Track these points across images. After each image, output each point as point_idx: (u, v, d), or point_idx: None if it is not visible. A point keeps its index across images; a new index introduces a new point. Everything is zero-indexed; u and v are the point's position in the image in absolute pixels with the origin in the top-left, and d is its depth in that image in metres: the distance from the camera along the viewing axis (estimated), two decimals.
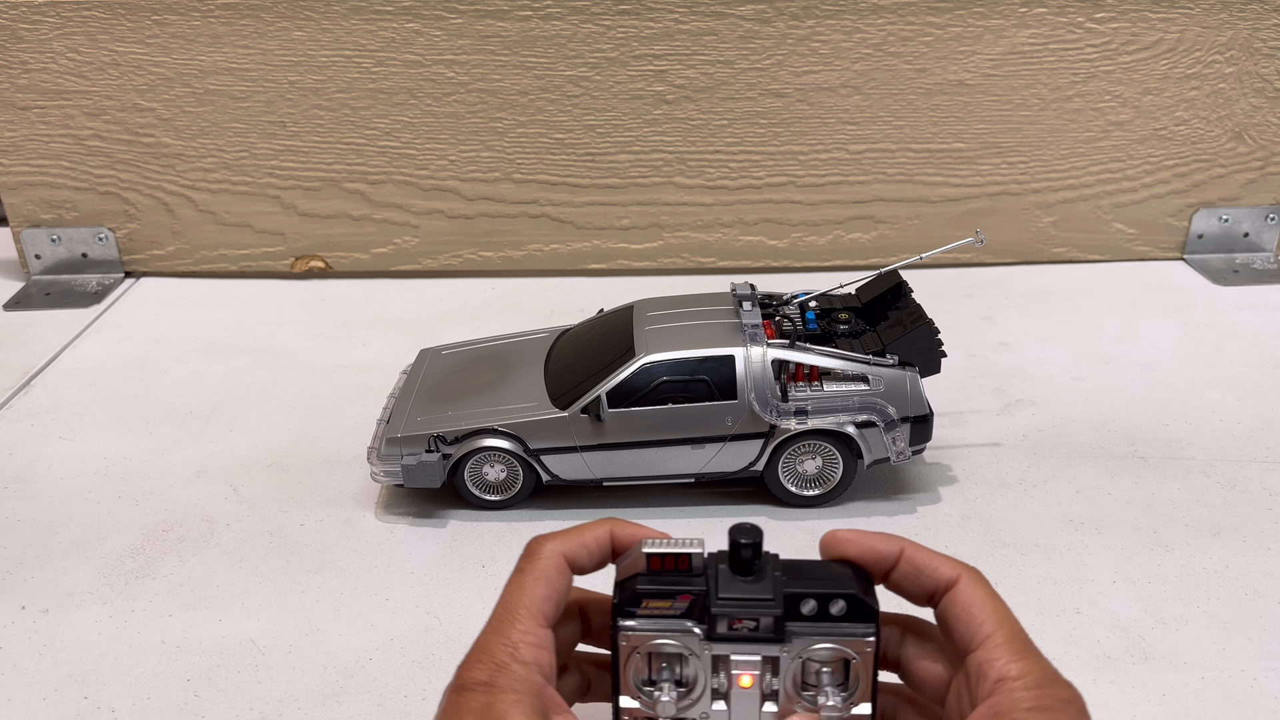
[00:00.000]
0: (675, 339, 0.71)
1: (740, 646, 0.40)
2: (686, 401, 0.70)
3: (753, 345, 0.70)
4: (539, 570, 0.40)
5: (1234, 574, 0.67)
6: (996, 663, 0.37)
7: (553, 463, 0.72)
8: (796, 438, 0.71)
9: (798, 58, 1.04)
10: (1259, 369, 0.91)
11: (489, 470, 0.73)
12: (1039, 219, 1.11)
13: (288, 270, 1.13)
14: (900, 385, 0.71)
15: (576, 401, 0.71)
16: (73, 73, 1.04)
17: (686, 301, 0.77)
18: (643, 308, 0.77)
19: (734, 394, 0.69)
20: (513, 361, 0.79)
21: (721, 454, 0.71)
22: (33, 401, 0.91)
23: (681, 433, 0.70)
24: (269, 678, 0.60)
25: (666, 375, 0.70)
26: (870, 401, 0.70)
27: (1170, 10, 1.02)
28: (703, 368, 0.70)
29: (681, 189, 1.09)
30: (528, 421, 0.71)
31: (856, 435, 0.70)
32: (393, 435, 0.72)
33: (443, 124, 1.06)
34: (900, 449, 0.71)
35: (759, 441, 0.71)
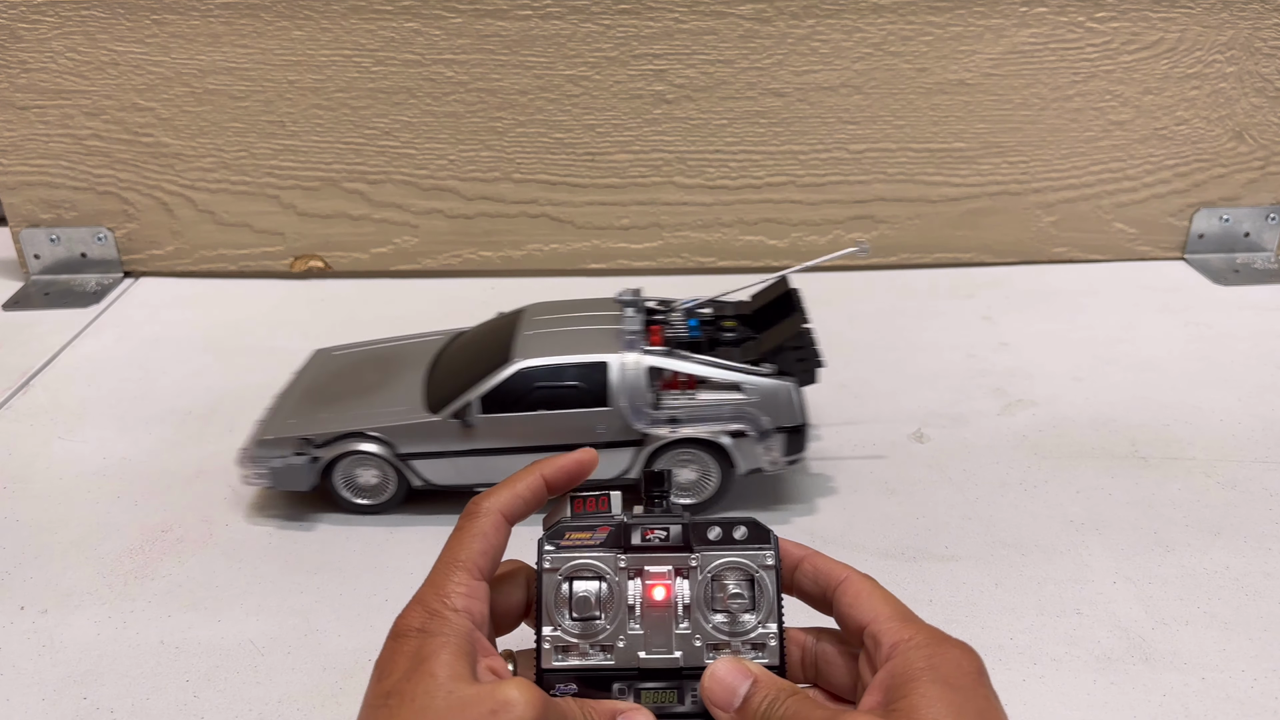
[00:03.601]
0: (553, 345, 0.71)
1: (653, 557, 0.43)
2: (560, 408, 0.69)
3: (627, 352, 0.69)
4: (475, 528, 0.43)
5: (1234, 574, 0.66)
6: (889, 631, 0.40)
7: (423, 467, 0.72)
8: (670, 446, 0.70)
9: (798, 57, 1.03)
10: (1259, 369, 0.91)
11: (361, 474, 0.72)
12: (1039, 219, 1.11)
13: (287, 270, 1.13)
14: (775, 395, 0.70)
15: (448, 406, 0.70)
16: (72, 72, 1.04)
17: (576, 306, 0.76)
18: (532, 312, 0.77)
19: (606, 401, 0.69)
20: (398, 364, 0.78)
21: None
22: (32, 401, 0.91)
23: (554, 439, 0.70)
24: (268, 678, 0.60)
25: (540, 381, 0.69)
26: (743, 411, 0.69)
27: (1171, 10, 1.02)
28: (576, 374, 0.69)
29: (681, 189, 1.09)
30: (397, 425, 0.71)
31: (729, 445, 0.70)
32: (262, 437, 0.72)
33: (442, 123, 1.06)
34: (774, 459, 0.70)
35: (632, 450, 0.70)
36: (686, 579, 0.43)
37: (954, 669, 0.38)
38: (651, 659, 0.43)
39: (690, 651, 0.43)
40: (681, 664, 0.42)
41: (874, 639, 0.40)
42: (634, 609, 0.43)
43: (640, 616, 0.43)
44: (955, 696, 0.37)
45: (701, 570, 0.43)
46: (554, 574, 0.43)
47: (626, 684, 0.42)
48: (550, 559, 0.43)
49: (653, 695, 0.42)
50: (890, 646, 0.39)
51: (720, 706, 0.41)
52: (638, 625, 0.43)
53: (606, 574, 0.43)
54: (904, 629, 0.40)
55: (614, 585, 0.43)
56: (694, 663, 0.42)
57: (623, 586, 0.43)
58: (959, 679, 0.38)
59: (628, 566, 0.43)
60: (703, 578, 0.43)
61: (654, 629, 0.43)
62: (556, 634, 0.42)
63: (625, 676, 0.42)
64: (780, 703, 0.39)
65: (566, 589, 0.43)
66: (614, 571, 0.43)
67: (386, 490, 0.73)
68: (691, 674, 0.42)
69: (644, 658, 0.43)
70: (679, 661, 0.43)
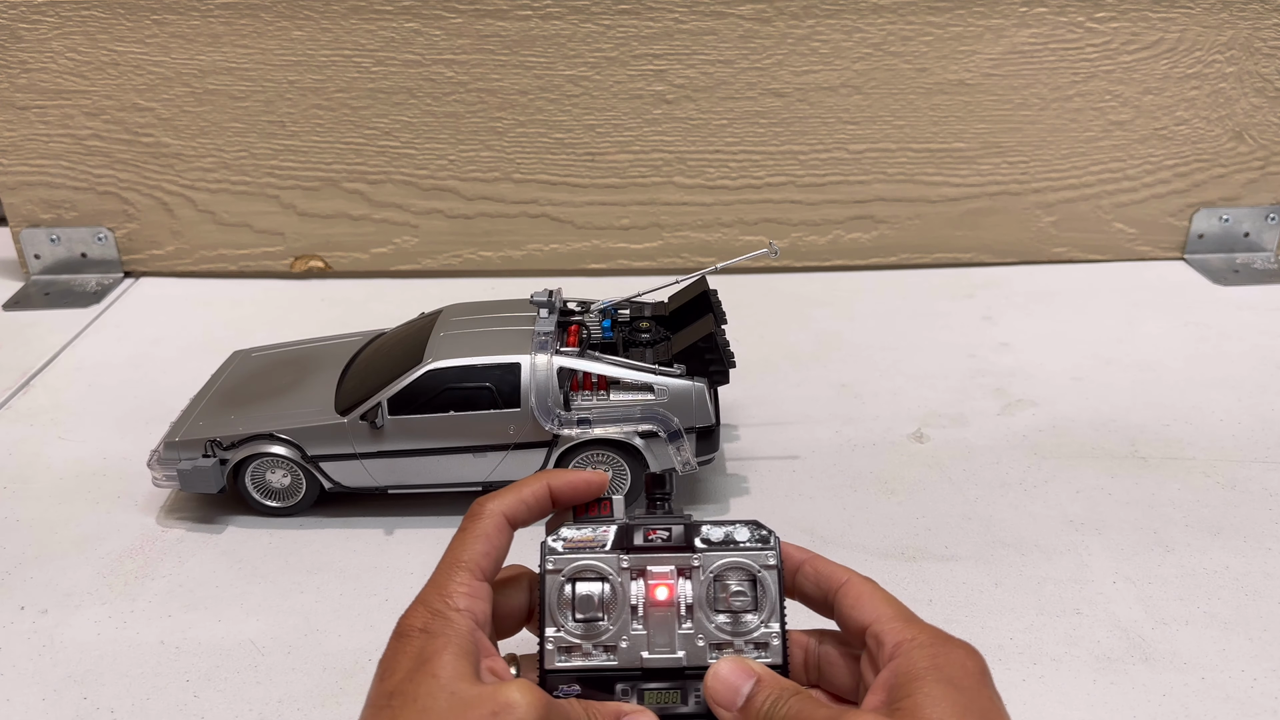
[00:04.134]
0: (466, 346, 0.71)
1: (655, 557, 0.43)
2: (470, 409, 0.69)
3: (539, 353, 0.69)
4: (479, 529, 0.43)
5: (1234, 574, 0.67)
6: (891, 631, 0.40)
7: (333, 470, 0.71)
8: (581, 447, 0.70)
9: (798, 57, 1.03)
10: (1259, 369, 0.91)
11: (273, 476, 0.72)
12: (1039, 219, 1.11)
13: (287, 270, 1.13)
14: (686, 396, 0.70)
15: (356, 408, 0.70)
16: (72, 72, 1.04)
17: (493, 308, 0.76)
18: (449, 313, 0.77)
19: (517, 402, 0.69)
20: (314, 365, 0.78)
21: (505, 463, 0.71)
22: (32, 401, 0.91)
23: (464, 440, 0.70)
24: (268, 678, 0.60)
25: (450, 382, 0.69)
26: (653, 412, 0.69)
27: (1170, 10, 1.02)
28: (487, 375, 0.69)
29: (681, 189, 1.09)
30: (305, 428, 0.71)
31: (641, 445, 0.70)
32: (171, 440, 0.72)
33: (442, 124, 1.06)
34: (685, 459, 0.70)
35: (543, 450, 0.70)
36: (689, 579, 0.43)
37: (958, 669, 0.38)
38: (654, 659, 0.43)
39: (693, 651, 0.43)
40: (684, 664, 0.43)
41: (876, 639, 0.40)
42: (637, 609, 0.43)
43: (643, 617, 0.43)
44: (959, 696, 0.37)
45: (704, 570, 0.43)
46: (557, 575, 0.43)
47: (630, 684, 0.43)
48: (553, 560, 0.43)
49: (656, 695, 0.42)
50: (893, 646, 0.39)
51: (723, 706, 0.41)
52: (640, 626, 0.43)
53: (609, 575, 0.43)
54: (907, 629, 0.40)
55: (617, 586, 0.43)
56: (697, 662, 0.43)
57: (625, 587, 0.43)
58: (963, 679, 0.38)
59: (630, 567, 0.43)
60: (705, 578, 0.43)
61: (657, 629, 0.43)
62: (560, 635, 0.43)
63: (628, 677, 0.43)
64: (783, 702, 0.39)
65: (569, 590, 0.43)
66: (616, 572, 0.43)
67: (297, 493, 0.73)
68: (694, 674, 0.42)
69: (647, 658, 0.43)
70: (682, 661, 0.43)
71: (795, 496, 0.75)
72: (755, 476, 0.77)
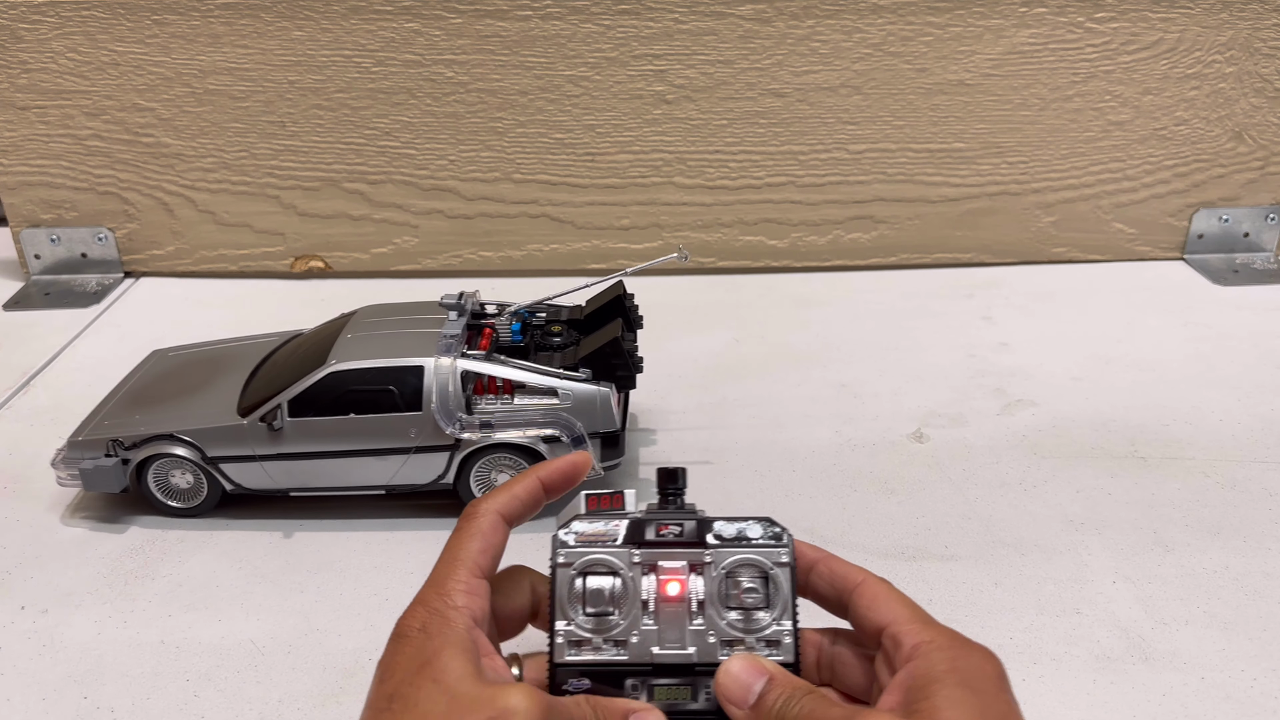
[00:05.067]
0: (372, 348, 0.70)
1: (666, 552, 0.43)
2: (372, 411, 0.69)
3: (442, 356, 0.69)
4: (474, 528, 0.44)
5: (1234, 574, 0.67)
6: (909, 633, 0.40)
7: (233, 471, 0.71)
8: (486, 451, 0.70)
9: (798, 58, 1.04)
10: (1259, 369, 0.91)
11: (176, 477, 0.72)
12: (1039, 219, 1.11)
13: (287, 270, 1.13)
14: (591, 400, 0.69)
15: (256, 410, 0.70)
16: (72, 73, 1.04)
17: (406, 310, 0.76)
18: (362, 314, 0.76)
19: (419, 405, 0.69)
20: (226, 366, 0.78)
21: (408, 466, 0.70)
22: (33, 401, 0.91)
23: (365, 443, 0.69)
24: (268, 678, 0.60)
25: (353, 384, 0.69)
26: (556, 416, 0.69)
27: (1170, 10, 1.02)
28: (390, 378, 0.69)
29: (681, 189, 1.09)
30: (205, 429, 0.71)
31: (544, 450, 0.69)
32: (74, 439, 0.72)
33: (442, 124, 1.06)
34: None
35: (445, 454, 0.70)
36: (701, 575, 0.43)
37: (976, 673, 0.38)
38: (665, 655, 0.42)
39: (704, 648, 0.42)
40: (695, 660, 0.42)
41: (894, 640, 0.40)
42: (648, 604, 0.43)
43: (654, 612, 0.43)
44: (977, 700, 0.37)
45: (716, 566, 0.43)
46: (568, 569, 0.43)
47: (640, 680, 0.42)
48: (564, 554, 0.43)
49: (666, 691, 0.42)
50: (911, 648, 0.39)
51: (734, 703, 0.41)
52: (651, 621, 0.43)
53: (620, 569, 0.43)
54: (925, 631, 0.40)
55: (628, 580, 0.43)
56: (708, 659, 0.42)
57: (636, 582, 0.43)
58: (981, 683, 0.38)
59: (642, 562, 0.43)
60: (717, 574, 0.43)
61: (668, 624, 0.43)
62: (570, 629, 0.42)
63: (639, 672, 0.42)
64: (795, 701, 0.39)
65: (580, 584, 0.43)
66: (628, 567, 0.43)
67: (199, 494, 0.73)
68: (705, 670, 0.42)
69: (657, 653, 0.42)
70: (693, 657, 0.42)
71: (795, 496, 0.75)
72: (755, 476, 0.77)
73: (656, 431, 0.83)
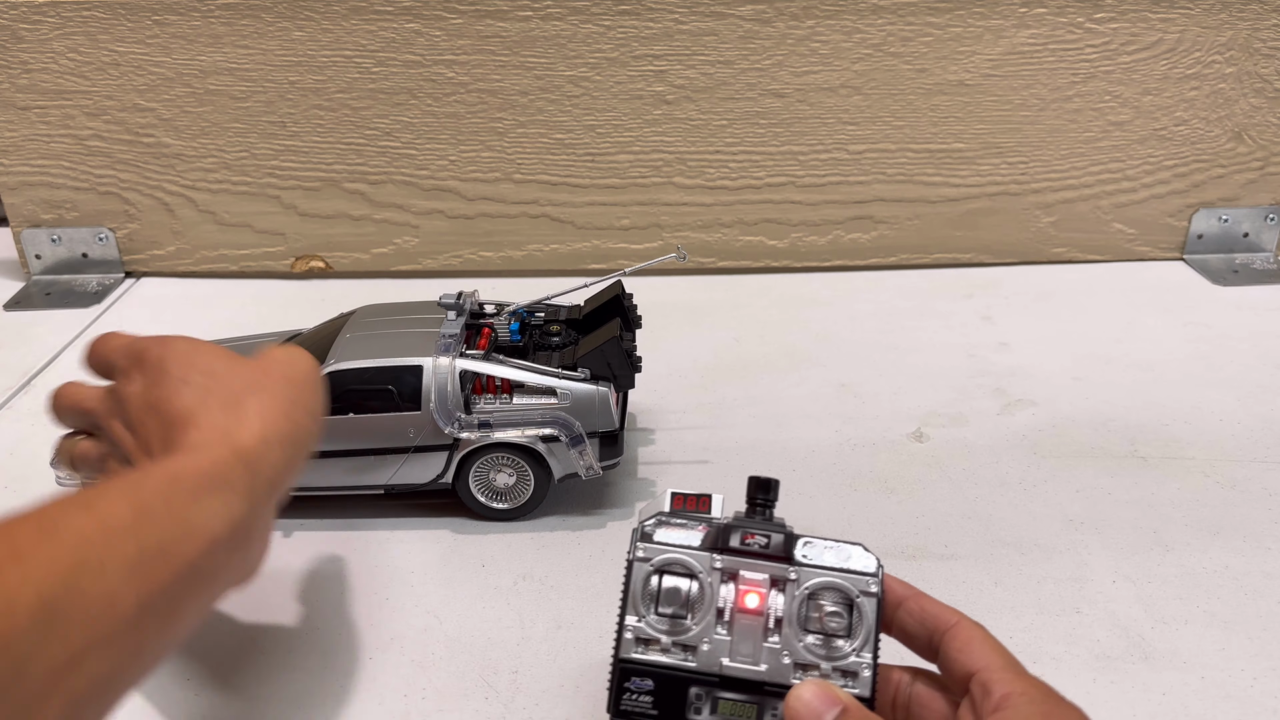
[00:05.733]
0: (371, 348, 0.70)
1: (749, 562, 0.41)
2: (371, 411, 0.69)
3: (441, 356, 0.69)
4: None
5: (1234, 574, 0.67)
6: (1001, 681, 0.39)
7: None
8: (483, 451, 0.70)
9: (798, 58, 1.04)
10: (1259, 369, 0.91)
11: None
12: (1039, 219, 1.11)
13: (288, 270, 1.13)
14: (590, 400, 0.69)
15: None
16: (73, 73, 1.04)
17: (404, 309, 0.76)
18: (360, 314, 0.76)
19: (418, 404, 0.69)
20: None
21: (406, 466, 0.70)
22: (33, 401, 0.91)
23: (363, 443, 0.69)
24: (268, 678, 0.60)
25: (352, 384, 0.69)
26: (555, 415, 0.69)
27: (1170, 10, 1.02)
28: (388, 377, 0.69)
29: (681, 189, 1.09)
30: None
31: (543, 449, 0.69)
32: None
33: (443, 124, 1.07)
34: (588, 464, 0.70)
35: (444, 453, 0.70)
36: (782, 592, 0.41)
37: None
38: (734, 668, 0.41)
39: (776, 667, 0.41)
40: (766, 679, 0.41)
41: (983, 687, 0.39)
42: (723, 613, 0.41)
43: (729, 622, 0.41)
44: None
45: (799, 585, 0.41)
46: (645, 564, 0.42)
47: (705, 690, 0.41)
48: (643, 548, 0.42)
49: (731, 707, 0.41)
50: (1002, 697, 0.38)
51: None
52: (725, 631, 0.41)
53: (699, 572, 0.42)
54: (1017, 681, 0.39)
55: (705, 585, 0.41)
56: (778, 680, 0.41)
57: (714, 588, 0.41)
58: None
59: (722, 569, 0.42)
60: (800, 593, 0.41)
61: (741, 637, 0.41)
62: (640, 625, 0.41)
63: (705, 682, 0.41)
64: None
65: (656, 581, 0.41)
66: (707, 571, 0.42)
67: None
68: (775, 691, 0.41)
69: (727, 665, 0.41)
70: (763, 675, 0.41)
71: (795, 496, 0.75)
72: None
73: (656, 431, 0.83)
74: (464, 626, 0.63)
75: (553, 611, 0.64)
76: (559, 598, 0.66)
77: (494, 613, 0.64)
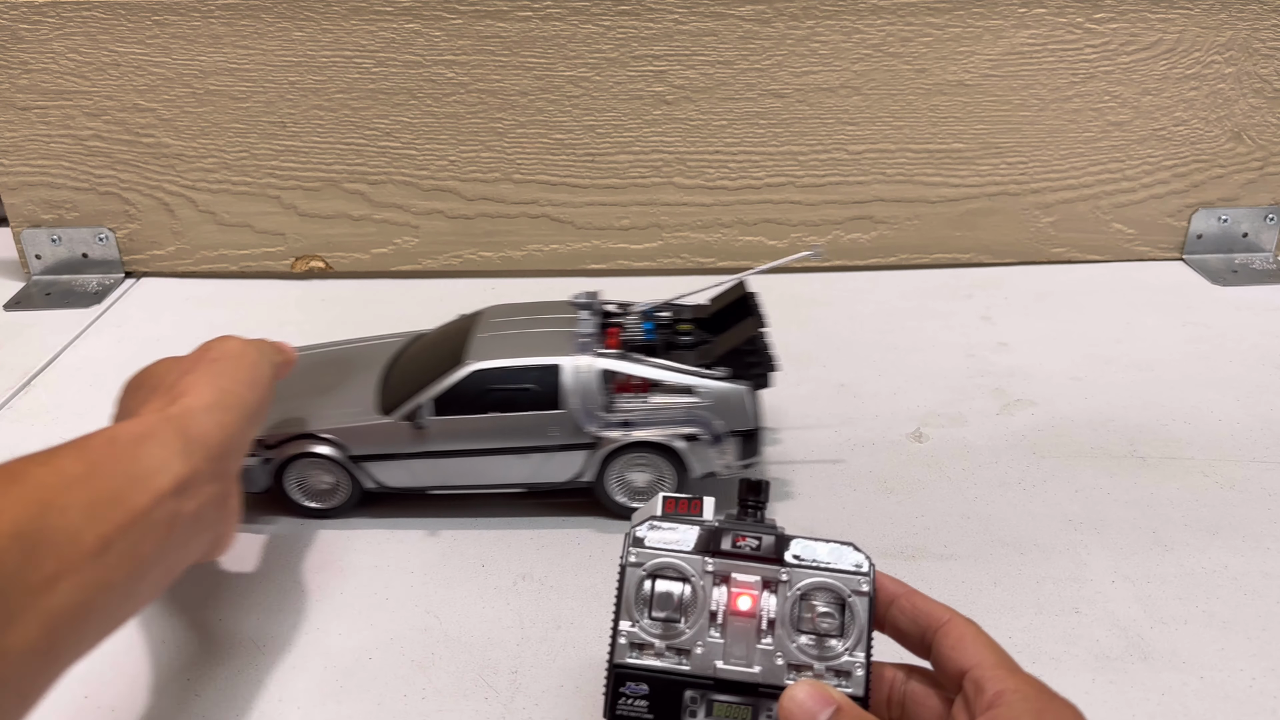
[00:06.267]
0: (506, 347, 0.71)
1: (741, 564, 0.42)
2: (512, 410, 0.69)
3: (580, 355, 0.69)
4: None
5: (1233, 574, 0.67)
6: (994, 679, 0.39)
7: (376, 470, 0.71)
8: (623, 450, 0.70)
9: (797, 58, 1.04)
10: (1259, 369, 0.91)
11: (316, 477, 0.72)
12: (1038, 219, 1.11)
13: (288, 270, 1.13)
14: (729, 398, 0.69)
15: (399, 407, 0.70)
16: (73, 73, 1.04)
17: (533, 309, 0.76)
18: (490, 314, 0.76)
19: (558, 404, 0.69)
20: (357, 365, 0.78)
21: (548, 464, 0.70)
22: (33, 401, 0.91)
23: (506, 442, 0.70)
24: (268, 677, 0.60)
25: (493, 383, 0.69)
26: (696, 414, 0.69)
27: (1169, 10, 1.02)
28: (529, 376, 0.69)
29: (681, 189, 1.09)
30: (349, 427, 0.70)
31: (682, 448, 0.69)
32: None
33: (443, 124, 1.07)
34: (727, 463, 0.70)
35: (584, 452, 0.70)
36: (774, 594, 0.42)
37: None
38: (728, 670, 0.41)
39: (770, 669, 0.41)
40: (760, 680, 0.41)
41: (976, 685, 0.39)
42: (716, 616, 0.41)
43: (722, 625, 0.41)
44: None
45: (791, 586, 0.41)
46: (638, 568, 0.42)
47: (699, 693, 0.41)
48: (636, 553, 0.42)
49: (726, 709, 0.41)
50: (995, 694, 0.38)
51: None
52: (718, 634, 0.41)
53: (692, 576, 0.42)
54: (1010, 679, 0.39)
55: (698, 588, 0.42)
56: (772, 681, 0.41)
57: (707, 591, 0.42)
58: None
59: (715, 571, 0.42)
60: (791, 594, 0.41)
61: (735, 640, 0.41)
62: (634, 630, 0.41)
63: (699, 685, 0.41)
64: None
65: (649, 586, 0.42)
66: (699, 574, 0.42)
67: (340, 493, 0.73)
68: (769, 692, 0.41)
69: (721, 668, 0.41)
70: (757, 677, 0.41)
71: (795, 496, 0.75)
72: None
73: None
74: (463, 626, 0.64)
75: (552, 611, 0.65)
76: (558, 598, 0.66)
77: (493, 612, 0.64)
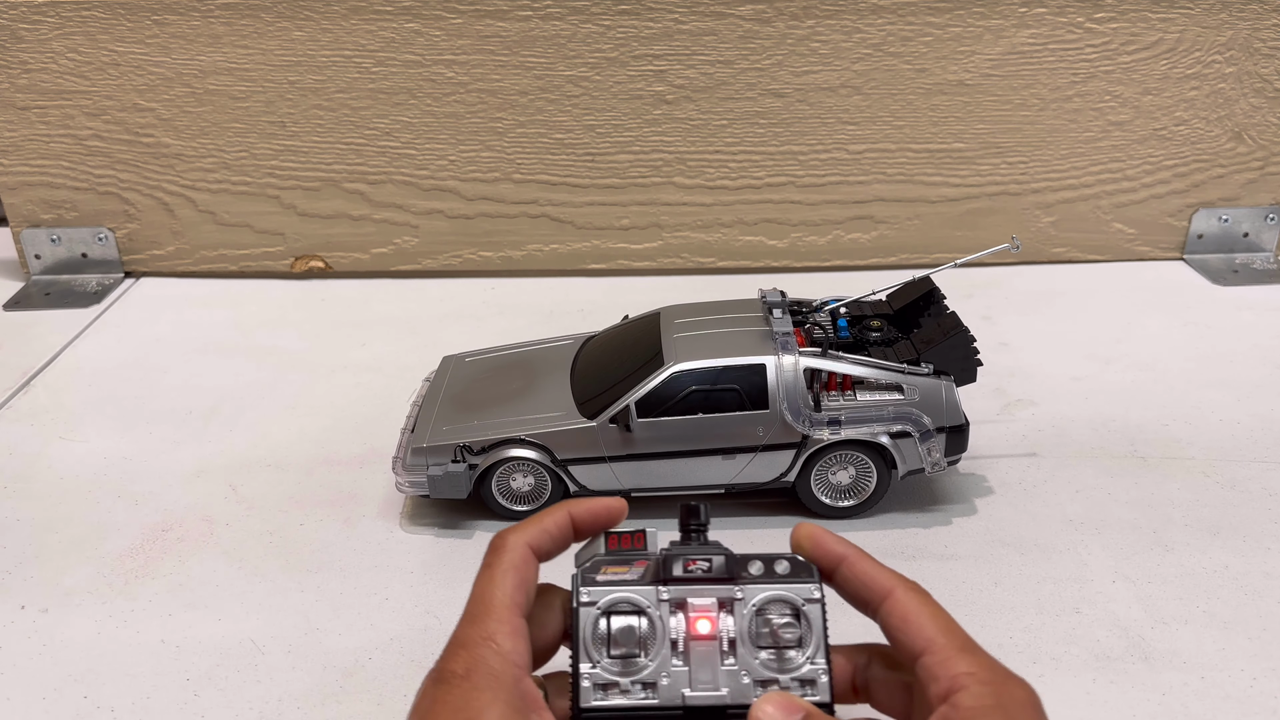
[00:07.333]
0: (704, 347, 0.70)
1: (695, 588, 0.41)
2: (716, 411, 0.69)
3: (784, 354, 0.68)
4: (506, 562, 0.41)
5: (1233, 574, 0.67)
6: (946, 664, 0.38)
7: (580, 473, 0.71)
8: (829, 448, 0.69)
9: (797, 58, 1.04)
10: (1259, 369, 0.91)
11: (516, 480, 0.72)
12: (1039, 219, 1.11)
13: (288, 270, 1.13)
14: (935, 394, 0.69)
15: (605, 411, 0.69)
16: (73, 73, 1.04)
17: (714, 309, 0.75)
18: (670, 314, 0.76)
19: (765, 403, 0.68)
20: (538, 369, 0.78)
21: (752, 465, 0.70)
22: (33, 401, 0.91)
23: (711, 443, 0.69)
24: (268, 677, 0.60)
25: (696, 384, 0.68)
26: (905, 411, 0.69)
27: (1170, 10, 1.02)
28: (733, 377, 0.68)
29: (681, 189, 1.09)
30: (555, 431, 0.70)
31: (891, 445, 0.69)
32: (418, 445, 0.71)
33: (442, 124, 1.07)
34: (935, 459, 0.70)
35: (791, 452, 0.69)
36: (730, 614, 0.41)
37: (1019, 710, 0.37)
38: (697, 696, 0.40)
39: (737, 689, 0.41)
40: (728, 701, 0.40)
41: (929, 672, 0.38)
42: (677, 644, 0.41)
43: (684, 652, 0.41)
44: None
45: (746, 603, 0.41)
46: (591, 608, 0.41)
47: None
48: (587, 593, 0.41)
49: None
50: (950, 679, 0.38)
51: None
52: (681, 661, 0.41)
53: (647, 608, 0.41)
54: (962, 661, 0.38)
55: (655, 619, 0.41)
56: (741, 701, 0.40)
57: (664, 621, 0.41)
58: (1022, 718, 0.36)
59: (670, 599, 0.41)
60: (748, 611, 0.41)
61: (699, 665, 0.41)
62: (595, 671, 0.40)
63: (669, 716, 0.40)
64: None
65: (605, 624, 0.41)
66: (654, 605, 0.41)
67: (541, 496, 0.72)
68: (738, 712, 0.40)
69: (689, 695, 0.40)
70: (725, 699, 0.40)
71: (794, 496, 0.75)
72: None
73: None
74: None
75: None
76: None
77: None
